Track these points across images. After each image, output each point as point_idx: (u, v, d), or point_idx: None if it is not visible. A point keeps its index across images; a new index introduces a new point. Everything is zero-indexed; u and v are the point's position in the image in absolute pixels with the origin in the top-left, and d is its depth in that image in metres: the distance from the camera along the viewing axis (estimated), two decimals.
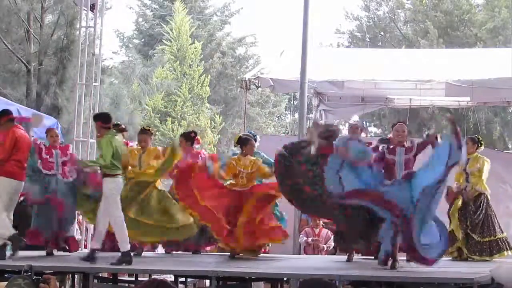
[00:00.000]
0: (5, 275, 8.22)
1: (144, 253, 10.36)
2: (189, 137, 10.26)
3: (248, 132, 10.96)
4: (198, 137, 10.55)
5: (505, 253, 9.70)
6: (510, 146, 31.48)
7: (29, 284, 3.53)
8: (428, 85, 14.31)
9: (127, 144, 10.44)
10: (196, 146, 10.36)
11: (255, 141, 10.04)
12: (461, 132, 8.47)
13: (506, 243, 9.79)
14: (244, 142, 9.62)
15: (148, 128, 10.36)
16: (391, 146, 8.10)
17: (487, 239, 9.77)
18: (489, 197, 9.81)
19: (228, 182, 9.80)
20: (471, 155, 9.88)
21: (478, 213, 9.76)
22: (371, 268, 8.09)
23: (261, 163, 9.53)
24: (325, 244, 11.82)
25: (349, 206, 8.14)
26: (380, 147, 8.37)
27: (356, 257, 9.32)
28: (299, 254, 11.74)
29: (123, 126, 9.69)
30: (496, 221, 9.84)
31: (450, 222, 9.69)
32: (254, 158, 9.62)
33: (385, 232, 7.75)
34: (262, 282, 10.46)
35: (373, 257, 8.69)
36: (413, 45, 32.46)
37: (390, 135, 8.42)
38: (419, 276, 7.50)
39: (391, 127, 8.40)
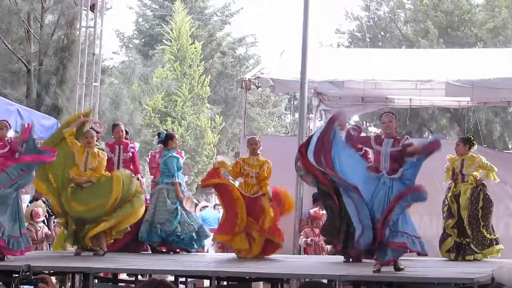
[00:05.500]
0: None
1: (143, 253, 10.38)
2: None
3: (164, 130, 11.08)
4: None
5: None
6: (510, 146, 31.49)
7: None
8: (428, 85, 14.27)
9: (127, 145, 10.50)
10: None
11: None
12: (461, 132, 8.45)
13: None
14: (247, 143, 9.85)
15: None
16: (382, 137, 8.01)
17: (494, 236, 9.79)
18: None
19: (237, 183, 9.94)
20: (465, 156, 9.86)
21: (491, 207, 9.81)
22: (371, 268, 8.07)
23: (270, 166, 9.63)
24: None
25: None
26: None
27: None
28: (299, 254, 11.74)
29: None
30: None
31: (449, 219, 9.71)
32: (263, 158, 9.70)
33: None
34: (262, 282, 10.46)
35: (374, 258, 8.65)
36: (413, 45, 32.48)
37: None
38: (419, 276, 7.50)
39: (379, 118, 8.29)
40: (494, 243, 9.73)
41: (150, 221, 10.02)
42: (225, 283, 8.68)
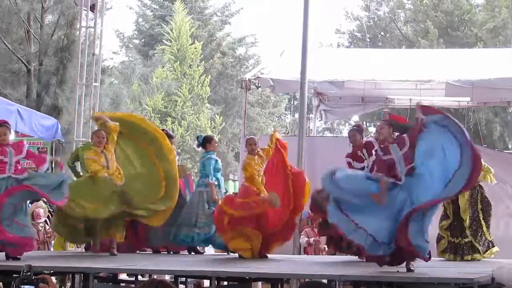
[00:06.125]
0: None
1: (143, 253, 10.38)
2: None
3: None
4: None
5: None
6: (510, 146, 31.49)
7: None
8: (428, 85, 14.30)
9: None
10: None
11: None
12: None
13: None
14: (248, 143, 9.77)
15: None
16: (382, 146, 7.97)
17: (491, 238, 9.79)
18: None
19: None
20: None
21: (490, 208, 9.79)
22: (371, 268, 8.08)
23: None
24: (325, 245, 11.81)
25: None
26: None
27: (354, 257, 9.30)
28: (299, 254, 11.74)
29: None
30: None
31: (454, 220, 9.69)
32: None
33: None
34: (261, 282, 10.47)
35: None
36: (413, 45, 32.48)
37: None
38: (419, 276, 7.49)
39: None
40: (491, 245, 9.76)
41: (191, 225, 9.99)
42: (225, 283, 8.68)
